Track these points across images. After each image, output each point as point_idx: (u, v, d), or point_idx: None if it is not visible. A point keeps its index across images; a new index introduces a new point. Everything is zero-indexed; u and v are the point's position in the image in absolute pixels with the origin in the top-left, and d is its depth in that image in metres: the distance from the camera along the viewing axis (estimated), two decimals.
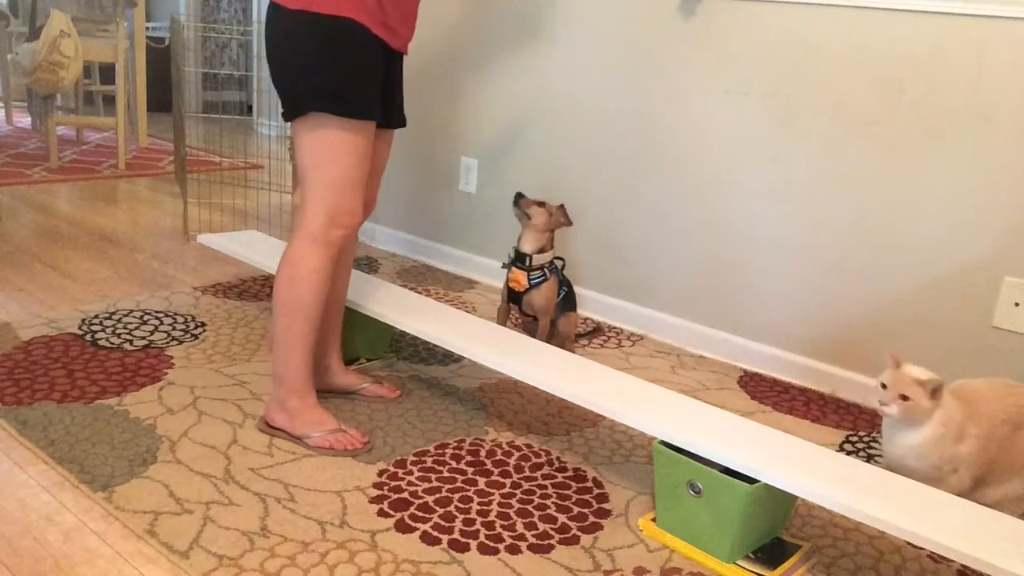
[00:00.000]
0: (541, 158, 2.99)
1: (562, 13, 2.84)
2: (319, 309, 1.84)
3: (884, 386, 1.69)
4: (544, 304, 2.41)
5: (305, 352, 1.85)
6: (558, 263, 2.48)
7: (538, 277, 2.39)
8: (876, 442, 2.16)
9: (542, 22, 2.91)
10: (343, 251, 2.00)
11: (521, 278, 2.40)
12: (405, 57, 1.93)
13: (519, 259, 2.41)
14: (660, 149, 2.69)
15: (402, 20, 1.81)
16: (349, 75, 1.74)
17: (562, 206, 2.43)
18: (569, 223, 2.43)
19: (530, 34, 2.94)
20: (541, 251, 2.40)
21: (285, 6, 1.71)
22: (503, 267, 2.46)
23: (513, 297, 2.44)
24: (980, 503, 1.57)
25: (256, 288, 2.86)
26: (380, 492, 1.72)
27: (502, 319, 2.50)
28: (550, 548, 1.59)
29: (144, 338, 2.36)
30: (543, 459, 1.92)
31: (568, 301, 2.51)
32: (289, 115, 1.78)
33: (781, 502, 1.62)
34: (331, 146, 1.76)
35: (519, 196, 2.42)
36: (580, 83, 2.84)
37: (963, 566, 1.65)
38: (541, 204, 2.40)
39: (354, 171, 1.79)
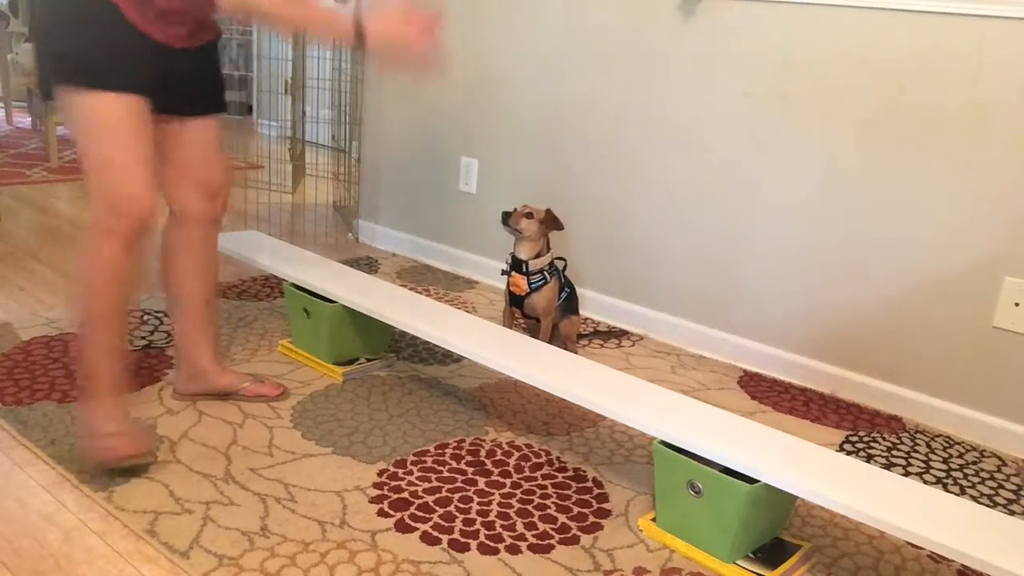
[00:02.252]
0: (541, 158, 2.99)
1: (562, 12, 2.84)
2: (114, 307, 1.68)
3: None
4: (546, 306, 2.43)
5: (104, 355, 1.69)
6: (559, 264, 2.49)
7: (538, 281, 2.41)
8: (876, 442, 2.16)
9: (542, 21, 2.90)
10: (196, 241, 1.91)
11: (521, 282, 2.42)
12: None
13: (516, 265, 2.43)
14: (660, 149, 2.69)
15: (165, 18, 1.67)
16: (98, 47, 1.60)
17: (549, 211, 2.44)
18: (560, 227, 2.44)
19: (530, 34, 2.94)
20: (538, 256, 2.42)
21: None
22: (503, 273, 2.47)
23: (515, 300, 2.46)
24: None
25: (256, 288, 2.86)
26: (380, 492, 1.72)
27: (507, 322, 2.51)
28: (550, 548, 1.59)
29: (144, 338, 2.36)
30: (543, 459, 1.92)
31: (570, 303, 2.52)
32: (44, 94, 1.66)
33: (781, 502, 1.62)
34: (92, 124, 1.61)
35: (506, 216, 2.42)
36: (580, 82, 2.84)
37: (963, 566, 1.65)
38: (529, 215, 2.40)
39: (125, 152, 1.62)
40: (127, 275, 1.68)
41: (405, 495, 1.71)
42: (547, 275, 2.42)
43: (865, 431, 2.22)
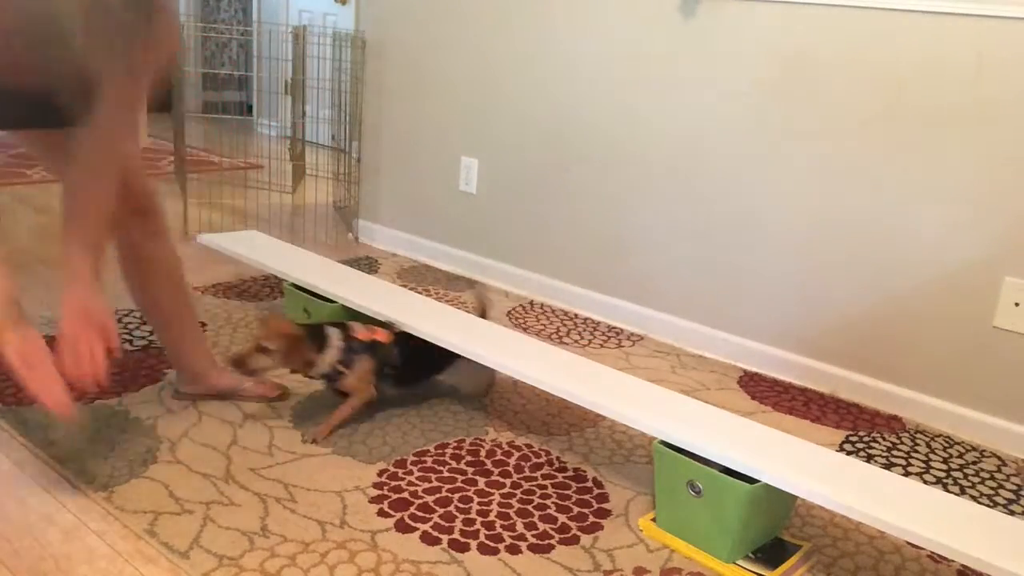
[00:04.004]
0: (541, 157, 2.99)
1: (562, 13, 2.84)
2: None
3: None
4: (352, 388, 1.98)
5: None
6: (381, 333, 2.03)
7: (334, 376, 1.95)
8: (876, 442, 2.16)
9: (543, 22, 2.91)
10: (144, 262, 1.76)
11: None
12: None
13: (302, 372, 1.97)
14: (660, 148, 2.69)
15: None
16: None
17: (289, 337, 1.87)
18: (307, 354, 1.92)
19: (531, 34, 2.94)
20: (310, 365, 1.92)
21: None
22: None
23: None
24: None
25: (256, 288, 2.86)
26: (380, 492, 1.72)
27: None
28: (550, 548, 1.59)
29: (144, 338, 2.36)
30: (543, 459, 1.92)
31: (421, 370, 2.13)
32: None
33: (781, 502, 1.62)
34: None
35: (236, 363, 1.86)
36: (580, 82, 2.84)
37: (963, 566, 1.65)
38: (266, 350, 1.86)
39: None
40: None
41: (405, 495, 1.71)
42: (341, 368, 1.94)
43: (865, 431, 2.22)
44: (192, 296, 1.98)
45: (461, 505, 1.70)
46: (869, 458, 2.07)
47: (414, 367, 2.09)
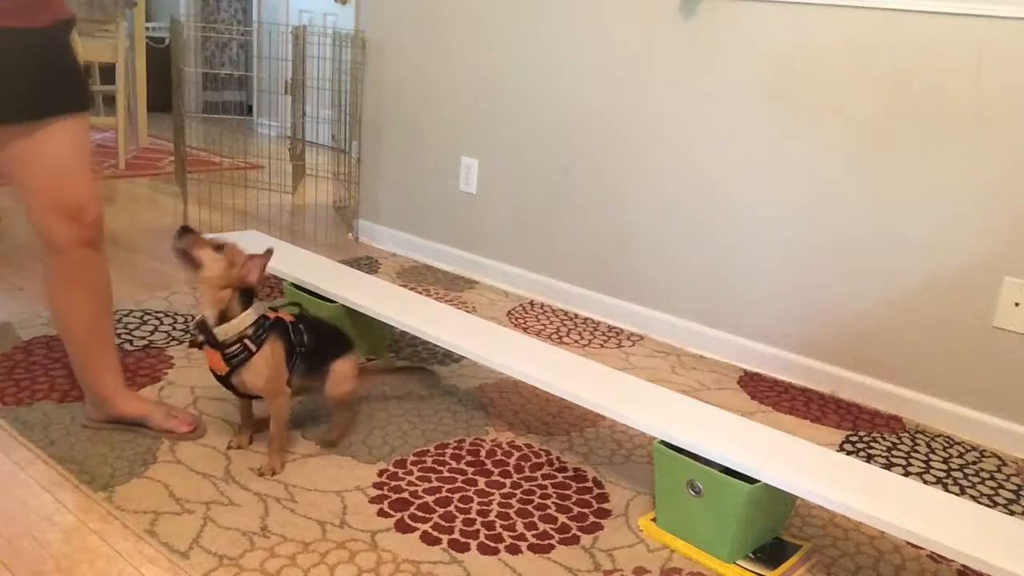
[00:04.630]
0: (541, 157, 2.99)
1: (562, 13, 2.84)
2: None
3: None
4: (263, 384, 1.74)
5: None
6: (285, 314, 1.85)
7: (238, 352, 1.70)
8: (876, 442, 2.16)
9: (543, 22, 2.91)
10: (72, 271, 1.68)
11: (215, 359, 1.72)
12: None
13: (203, 332, 1.71)
14: (660, 148, 2.69)
15: None
16: None
17: (254, 257, 1.73)
18: (251, 284, 1.73)
19: (531, 34, 2.94)
20: (224, 318, 1.70)
21: None
22: (190, 346, 1.83)
23: (222, 380, 1.76)
24: None
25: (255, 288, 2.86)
26: (380, 492, 1.72)
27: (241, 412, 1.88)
28: (550, 548, 1.59)
29: (144, 338, 2.36)
30: (543, 459, 1.92)
31: (326, 351, 1.87)
32: None
33: (781, 502, 1.63)
34: None
35: (185, 231, 1.68)
36: (580, 82, 2.84)
37: (963, 566, 1.65)
38: (220, 247, 1.69)
39: None
40: None
41: (405, 495, 1.71)
42: (250, 343, 1.71)
43: (865, 431, 2.22)
44: (112, 317, 1.86)
45: (461, 505, 1.70)
46: (869, 458, 2.07)
47: (322, 349, 1.86)
